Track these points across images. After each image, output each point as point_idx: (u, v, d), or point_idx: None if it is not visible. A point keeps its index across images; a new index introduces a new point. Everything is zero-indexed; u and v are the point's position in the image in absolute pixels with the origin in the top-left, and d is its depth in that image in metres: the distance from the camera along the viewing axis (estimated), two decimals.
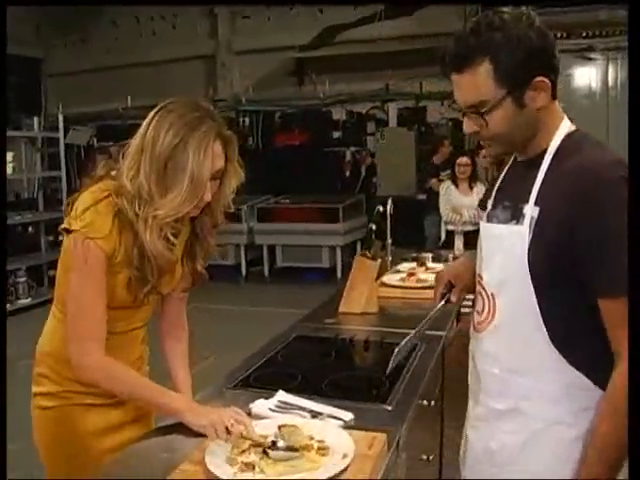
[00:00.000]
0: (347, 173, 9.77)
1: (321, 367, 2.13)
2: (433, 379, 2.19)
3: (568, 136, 1.42)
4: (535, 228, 1.37)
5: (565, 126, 1.43)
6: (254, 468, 1.37)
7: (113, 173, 1.59)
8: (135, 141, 1.55)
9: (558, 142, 1.41)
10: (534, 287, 1.37)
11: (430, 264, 3.60)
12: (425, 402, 2.05)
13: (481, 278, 1.54)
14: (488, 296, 1.50)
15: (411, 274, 3.30)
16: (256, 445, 1.44)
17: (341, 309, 2.80)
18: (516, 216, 1.42)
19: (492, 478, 1.52)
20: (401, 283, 3.18)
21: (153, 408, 1.66)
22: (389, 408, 1.79)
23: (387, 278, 3.23)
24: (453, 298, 1.77)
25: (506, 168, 1.61)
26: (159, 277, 1.61)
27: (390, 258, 3.75)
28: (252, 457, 1.41)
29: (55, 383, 1.69)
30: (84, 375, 1.59)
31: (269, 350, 2.33)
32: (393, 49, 8.43)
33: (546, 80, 1.37)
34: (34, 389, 1.72)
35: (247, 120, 10.03)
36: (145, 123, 1.55)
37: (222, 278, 8.33)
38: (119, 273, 1.58)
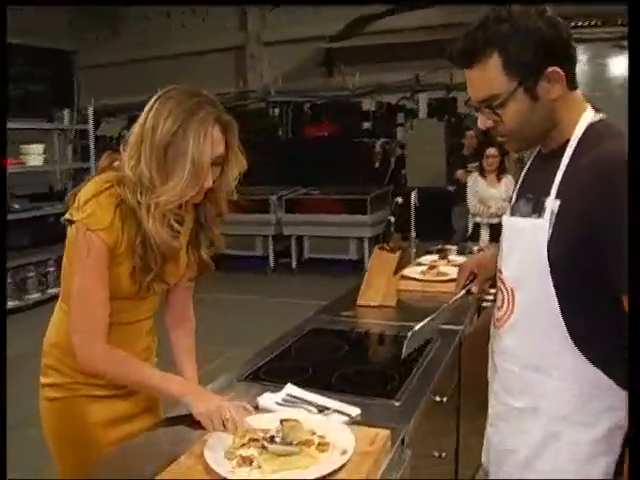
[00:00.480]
0: (376, 164, 9.69)
1: (333, 361, 2.11)
2: (448, 375, 2.15)
3: (591, 126, 1.37)
4: (555, 222, 1.33)
5: (588, 116, 1.39)
6: (251, 463, 1.36)
7: (116, 164, 1.59)
8: (135, 130, 1.55)
9: (580, 133, 1.37)
10: (553, 282, 1.34)
11: (453, 257, 3.54)
12: (438, 398, 2.01)
13: (501, 273, 1.51)
14: (508, 291, 1.47)
15: (432, 267, 3.26)
16: (256, 439, 1.43)
17: (358, 302, 2.78)
18: (537, 209, 1.38)
19: (510, 478, 1.50)
20: (421, 276, 3.13)
21: (155, 393, 1.66)
22: (397, 404, 1.76)
23: (408, 271, 3.18)
24: (474, 289, 1.74)
25: (530, 160, 1.57)
26: (163, 265, 1.61)
27: (414, 250, 3.71)
28: (251, 451, 1.40)
29: (62, 374, 1.70)
30: (88, 366, 1.60)
31: (282, 343, 2.32)
32: (422, 39, 8.32)
33: (559, 70, 1.32)
34: (42, 380, 1.74)
35: (276, 111, 10.03)
36: (145, 111, 1.54)
37: (250, 269, 8.46)
38: (122, 263, 1.58)
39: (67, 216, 1.56)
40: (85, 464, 1.59)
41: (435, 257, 3.52)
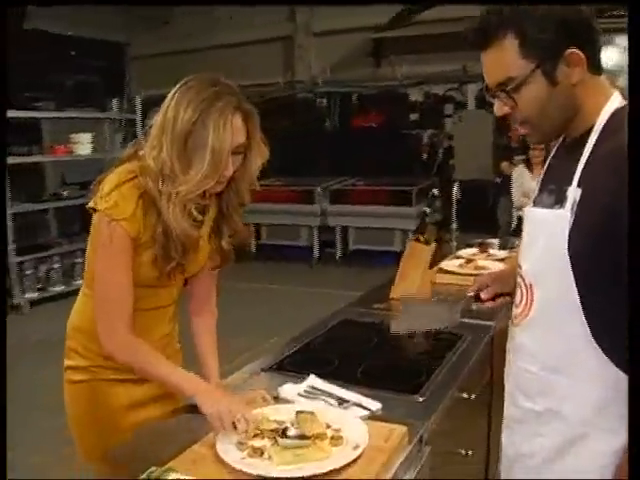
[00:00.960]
0: (424, 156, 9.58)
1: (360, 353, 2.09)
2: (477, 371, 2.10)
3: (616, 113, 1.29)
4: (577, 212, 1.25)
5: (614, 103, 1.31)
6: (262, 454, 1.35)
7: (141, 153, 1.59)
8: (157, 120, 1.55)
9: (604, 119, 1.29)
10: (575, 277, 1.25)
11: (494, 251, 3.46)
12: (465, 395, 1.97)
13: (520, 268, 1.44)
14: (526, 287, 1.39)
15: (470, 260, 3.19)
16: (269, 430, 1.41)
17: (392, 294, 2.73)
18: (559, 199, 1.30)
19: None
20: (458, 269, 3.06)
21: (170, 389, 1.66)
22: (421, 399, 1.73)
23: (445, 264, 3.13)
24: (483, 295, 1.68)
25: (554, 149, 1.50)
26: (184, 255, 1.61)
27: (455, 244, 3.64)
28: (263, 442, 1.39)
29: (84, 357, 1.72)
30: (112, 353, 1.61)
31: (311, 334, 2.30)
32: None
33: (580, 53, 1.25)
34: (65, 362, 1.76)
35: (324, 102, 9.99)
36: (166, 102, 1.54)
37: (294, 259, 8.47)
38: (144, 252, 1.59)
39: (91, 204, 1.57)
40: (104, 448, 1.61)
41: (475, 250, 3.44)
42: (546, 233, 1.32)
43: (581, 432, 1.31)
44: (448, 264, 3.13)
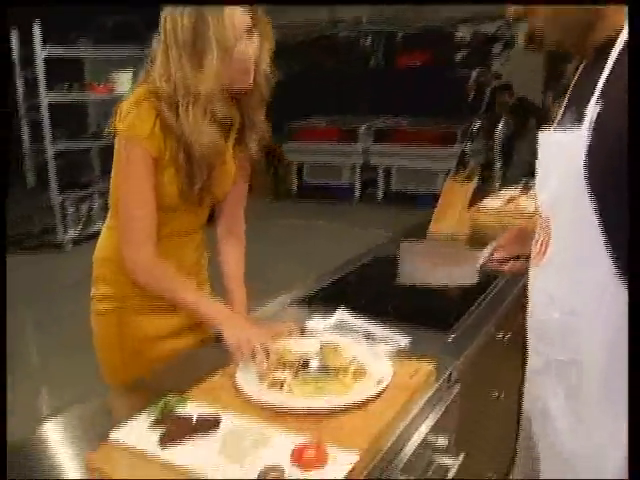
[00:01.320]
0: (470, 95, 9.29)
1: (391, 289, 2.03)
2: (512, 312, 2.02)
3: None
4: (595, 131, 1.08)
5: None
6: (282, 386, 1.31)
7: (151, 80, 1.54)
8: (158, 46, 1.51)
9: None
10: (594, 206, 1.09)
11: None
12: (500, 335, 1.90)
13: (538, 201, 1.30)
14: (544, 221, 1.25)
15: (511, 200, 3.07)
16: (292, 362, 1.38)
17: (429, 231, 2.71)
18: (578, 119, 1.13)
19: (545, 438, 1.32)
20: (498, 209, 2.97)
21: (193, 315, 1.63)
22: (451, 337, 1.67)
23: (485, 203, 3.05)
24: (497, 256, 1.60)
25: (580, 68, 1.31)
26: (209, 176, 1.57)
27: (498, 183, 3.52)
28: (284, 374, 1.35)
29: (110, 285, 1.70)
30: (136, 277, 1.59)
31: (344, 269, 2.26)
32: None
33: None
34: (92, 291, 1.74)
35: (368, 40, 9.72)
36: (160, 28, 1.50)
37: (335, 198, 8.40)
38: (167, 173, 1.55)
39: (110, 128, 1.53)
40: (131, 378, 1.58)
41: (518, 191, 3.32)
42: (563, 157, 1.16)
43: (604, 383, 1.17)
44: (488, 203, 3.05)
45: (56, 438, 1.28)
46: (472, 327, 1.75)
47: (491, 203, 3.06)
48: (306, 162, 8.71)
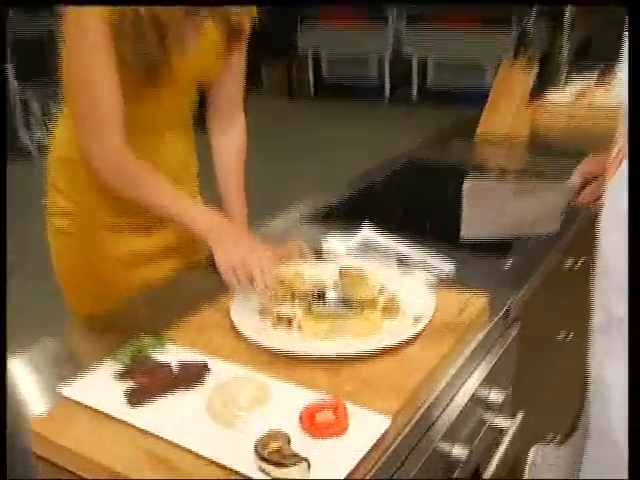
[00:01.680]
0: None
1: (430, 203, 2.01)
2: (586, 231, 1.92)
3: None
4: None
5: None
6: (290, 323, 1.25)
7: None
8: None
9: None
10: None
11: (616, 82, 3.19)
12: (569, 262, 1.84)
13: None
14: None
15: (583, 93, 2.96)
16: (301, 292, 1.30)
17: (478, 130, 2.65)
18: None
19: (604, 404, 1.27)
20: (567, 104, 2.88)
21: (176, 224, 1.54)
22: (509, 264, 1.60)
23: (550, 97, 2.96)
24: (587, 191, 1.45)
25: None
26: (163, 45, 1.44)
27: (566, 71, 3.43)
28: (294, 308, 1.28)
29: (68, 196, 1.62)
30: (102, 176, 1.49)
31: (370, 177, 2.21)
32: None
33: None
34: (47, 204, 1.66)
35: None
36: None
37: (362, 97, 8.27)
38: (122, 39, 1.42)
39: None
40: (101, 310, 1.52)
41: (591, 81, 3.16)
42: None
43: None
44: (554, 97, 2.98)
45: None
46: (534, 252, 1.69)
47: (558, 98, 2.97)
48: (324, 55, 8.56)
